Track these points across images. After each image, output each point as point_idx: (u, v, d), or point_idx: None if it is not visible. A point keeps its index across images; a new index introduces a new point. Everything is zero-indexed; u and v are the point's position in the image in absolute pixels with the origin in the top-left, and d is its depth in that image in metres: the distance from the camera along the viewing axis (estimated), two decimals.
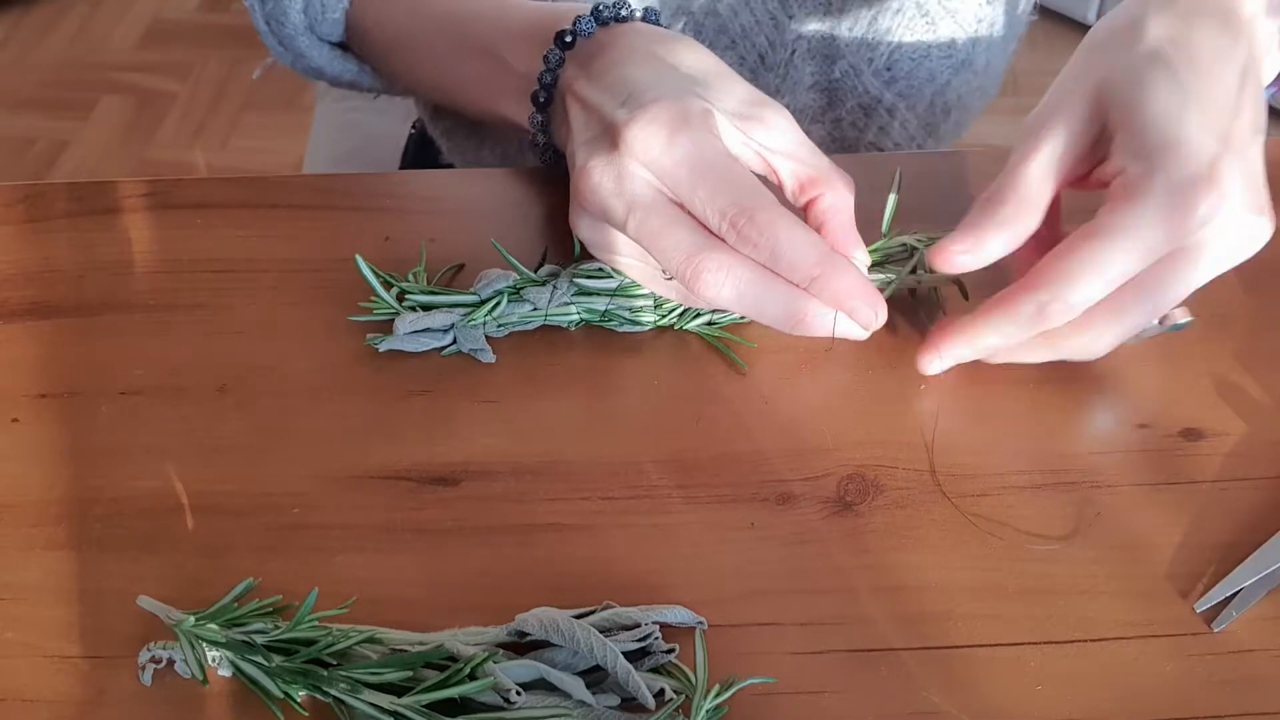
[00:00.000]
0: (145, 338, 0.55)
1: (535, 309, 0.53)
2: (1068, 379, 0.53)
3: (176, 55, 2.20)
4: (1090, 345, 0.50)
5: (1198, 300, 0.55)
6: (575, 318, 0.54)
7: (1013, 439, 0.51)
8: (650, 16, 0.57)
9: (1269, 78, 0.56)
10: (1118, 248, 0.47)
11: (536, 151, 0.60)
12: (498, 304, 0.53)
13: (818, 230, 0.52)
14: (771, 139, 0.52)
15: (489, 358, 0.53)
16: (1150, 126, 0.48)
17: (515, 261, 0.54)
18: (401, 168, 0.90)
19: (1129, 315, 0.49)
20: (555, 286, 0.54)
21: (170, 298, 0.57)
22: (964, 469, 0.49)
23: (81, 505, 0.49)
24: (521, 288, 0.54)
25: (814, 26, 0.73)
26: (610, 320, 0.54)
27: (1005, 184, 0.50)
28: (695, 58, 0.53)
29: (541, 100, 0.57)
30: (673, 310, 0.54)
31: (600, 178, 0.50)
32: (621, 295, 0.54)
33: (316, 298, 0.57)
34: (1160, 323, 0.51)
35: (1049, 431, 0.51)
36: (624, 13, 0.56)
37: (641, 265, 0.52)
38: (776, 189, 0.53)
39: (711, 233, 0.49)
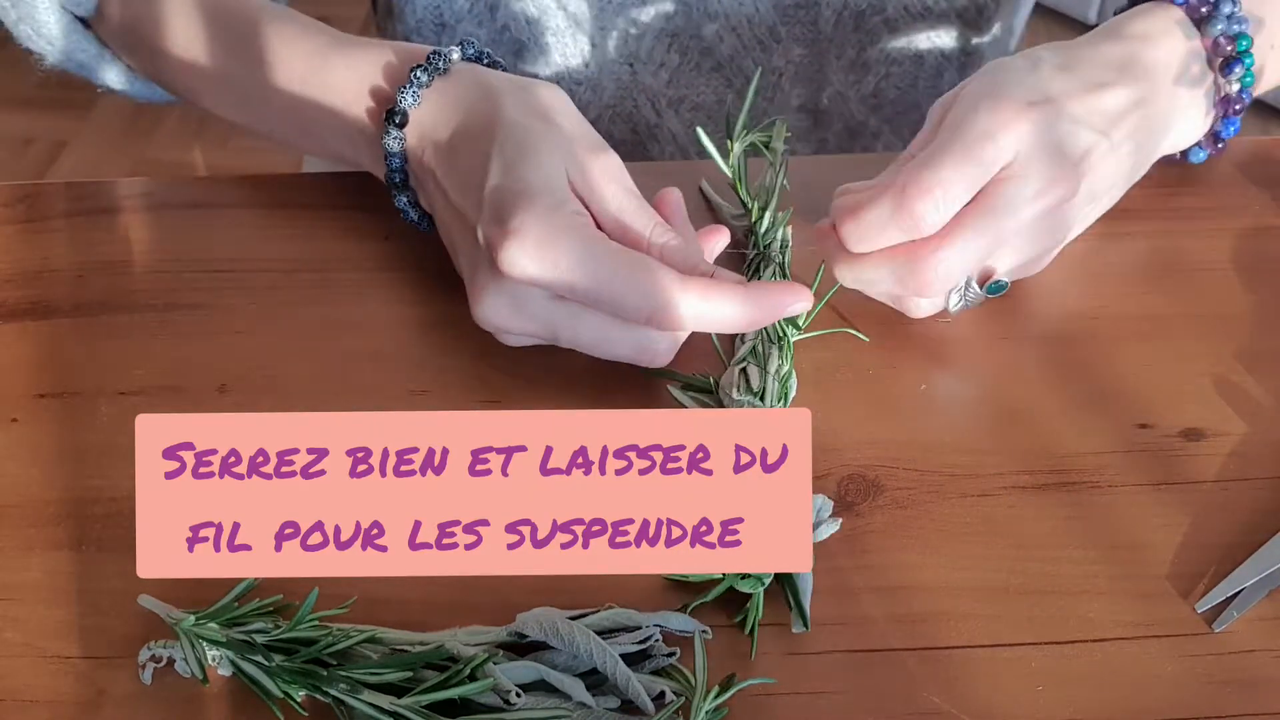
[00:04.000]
0: (145, 338, 0.55)
1: None
2: (1068, 379, 0.53)
3: None
4: (931, 262, 0.50)
5: (1198, 300, 0.56)
6: None
7: (1013, 439, 0.51)
8: (469, 52, 0.55)
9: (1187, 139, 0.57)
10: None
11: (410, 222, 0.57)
12: None
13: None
14: (597, 203, 0.50)
15: None
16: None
17: None
18: None
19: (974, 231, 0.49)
20: None
21: (170, 298, 0.57)
22: (964, 469, 0.49)
23: (81, 505, 0.49)
24: None
25: (801, 53, 0.74)
26: None
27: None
28: (515, 114, 0.51)
29: (398, 182, 0.55)
30: None
31: (497, 303, 0.49)
32: None
33: (316, 298, 0.57)
34: (980, 285, 0.52)
35: (1049, 431, 0.51)
36: (443, 65, 0.54)
37: None
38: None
39: None
